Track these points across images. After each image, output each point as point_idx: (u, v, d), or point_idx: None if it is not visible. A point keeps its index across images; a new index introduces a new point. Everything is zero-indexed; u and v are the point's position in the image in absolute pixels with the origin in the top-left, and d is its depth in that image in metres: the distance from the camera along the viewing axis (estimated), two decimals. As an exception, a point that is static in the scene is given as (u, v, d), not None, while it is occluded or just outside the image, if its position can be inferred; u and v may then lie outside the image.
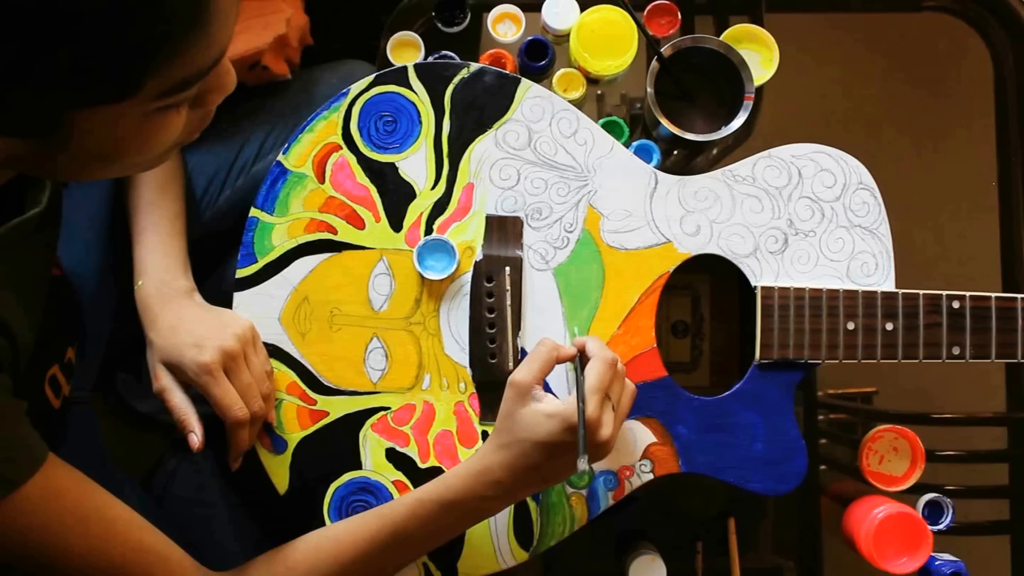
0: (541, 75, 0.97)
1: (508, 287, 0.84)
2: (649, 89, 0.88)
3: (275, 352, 0.84)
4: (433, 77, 0.85)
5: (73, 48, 0.46)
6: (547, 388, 0.84)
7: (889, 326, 0.84)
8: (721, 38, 0.90)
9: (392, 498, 0.83)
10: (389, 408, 0.84)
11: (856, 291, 0.84)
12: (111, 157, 0.56)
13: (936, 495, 0.93)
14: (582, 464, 0.67)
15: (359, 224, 0.84)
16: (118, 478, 0.89)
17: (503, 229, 0.85)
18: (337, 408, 0.84)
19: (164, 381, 0.81)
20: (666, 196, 0.85)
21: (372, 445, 0.84)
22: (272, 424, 0.83)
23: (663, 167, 0.87)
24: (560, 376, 0.84)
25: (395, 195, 0.84)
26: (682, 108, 0.91)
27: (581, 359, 0.76)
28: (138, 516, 0.73)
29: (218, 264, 0.93)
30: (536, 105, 0.85)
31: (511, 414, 0.74)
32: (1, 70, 0.47)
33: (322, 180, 0.84)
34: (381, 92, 0.84)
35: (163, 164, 0.87)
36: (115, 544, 0.70)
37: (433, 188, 0.84)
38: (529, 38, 0.95)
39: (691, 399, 0.84)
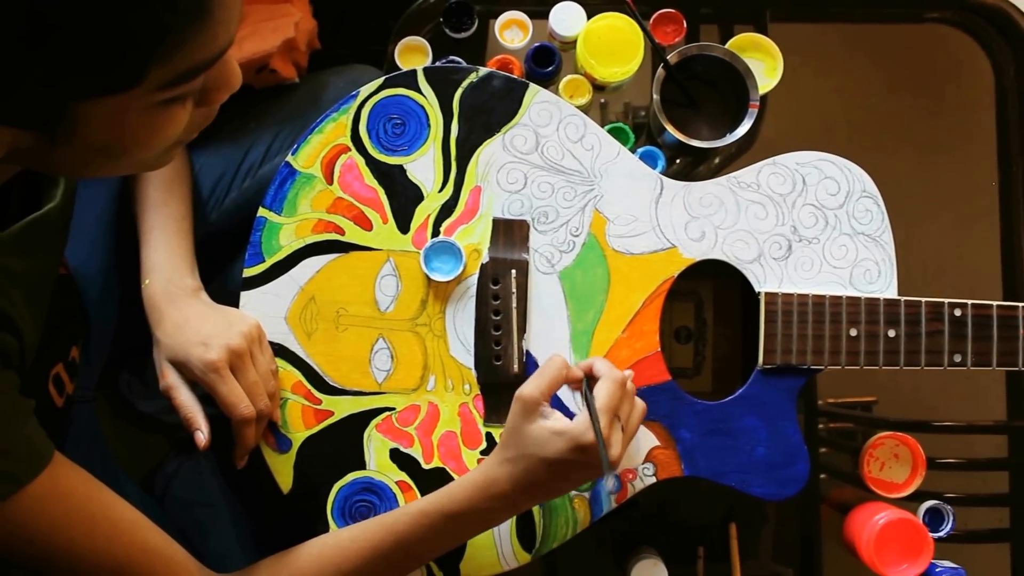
0: (547, 81, 0.97)
1: (514, 290, 0.84)
2: (655, 96, 0.89)
3: (281, 351, 0.84)
4: (442, 81, 0.85)
5: (77, 37, 0.46)
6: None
7: (891, 333, 0.84)
8: (726, 46, 0.90)
9: (395, 499, 0.83)
10: (394, 409, 0.84)
11: (859, 298, 0.84)
12: (114, 152, 0.56)
13: (937, 502, 0.94)
14: (610, 484, 0.66)
15: (366, 225, 0.85)
16: (119, 478, 0.89)
17: (509, 232, 0.85)
18: (342, 408, 0.84)
19: (170, 379, 0.81)
20: (671, 202, 0.85)
21: (376, 445, 0.84)
22: (277, 423, 0.83)
23: (667, 174, 0.87)
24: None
25: (403, 197, 0.85)
26: (687, 115, 0.91)
27: (589, 380, 0.76)
28: (143, 516, 0.73)
29: (223, 265, 0.93)
30: (544, 110, 0.85)
31: (518, 429, 0.74)
32: (5, 59, 0.47)
33: (330, 181, 0.85)
34: (390, 95, 0.85)
35: (170, 164, 0.87)
36: (120, 544, 0.70)
37: (441, 191, 0.85)
38: (536, 44, 0.96)
39: (694, 403, 0.85)
